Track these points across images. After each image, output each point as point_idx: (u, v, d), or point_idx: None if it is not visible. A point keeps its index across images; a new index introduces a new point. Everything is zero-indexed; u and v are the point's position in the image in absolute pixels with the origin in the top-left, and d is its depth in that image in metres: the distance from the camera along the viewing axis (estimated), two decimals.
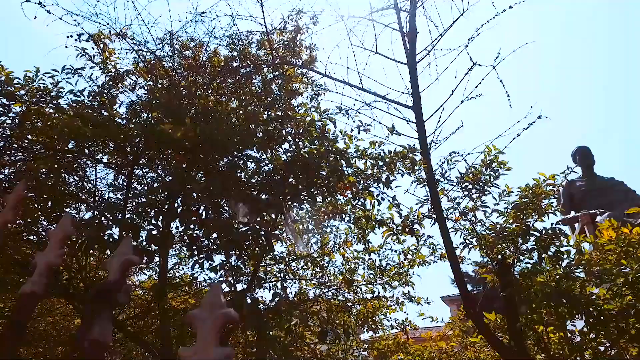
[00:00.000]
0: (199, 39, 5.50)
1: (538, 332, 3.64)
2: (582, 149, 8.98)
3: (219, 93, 5.82)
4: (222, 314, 1.18)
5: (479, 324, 3.72)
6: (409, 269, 4.78)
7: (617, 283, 3.24)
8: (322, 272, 4.81)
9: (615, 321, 3.18)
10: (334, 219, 4.18)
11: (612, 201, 7.52)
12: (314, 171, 3.15)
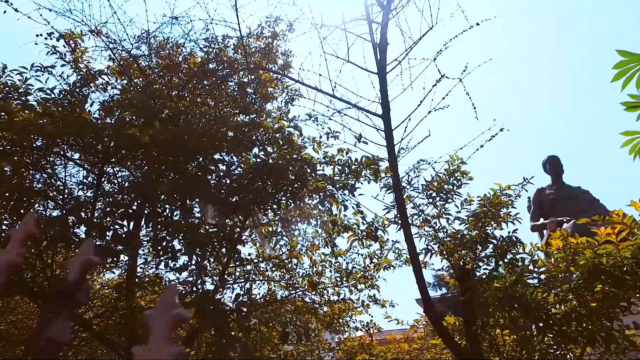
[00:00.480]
0: (175, 40, 5.52)
1: (491, 334, 3.81)
2: (552, 158, 9.35)
3: (195, 94, 5.85)
4: (175, 314, 1.26)
5: (437, 326, 3.87)
6: (374, 272, 4.93)
7: (563, 289, 3.44)
8: (290, 274, 4.90)
9: (559, 324, 3.37)
10: (301, 222, 4.28)
11: (579, 209, 7.85)
12: (280, 177, 3.23)
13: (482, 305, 3.83)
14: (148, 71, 5.80)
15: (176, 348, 1.20)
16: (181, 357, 1.19)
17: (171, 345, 1.22)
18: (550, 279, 3.49)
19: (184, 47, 5.57)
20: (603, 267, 3.16)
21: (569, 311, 3.40)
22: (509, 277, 3.82)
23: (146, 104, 3.94)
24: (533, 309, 3.48)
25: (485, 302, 3.73)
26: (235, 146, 3.74)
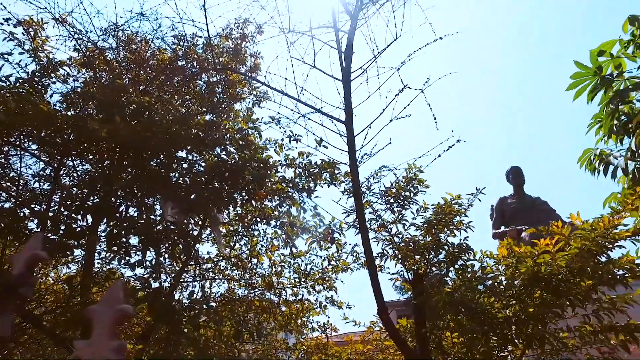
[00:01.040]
0: (144, 35, 5.47)
1: (440, 336, 3.99)
2: (514, 168, 9.78)
3: (162, 90, 5.80)
4: (119, 309, 1.30)
5: (389, 328, 4.00)
6: (332, 274, 5.04)
7: (506, 295, 3.66)
8: (250, 274, 4.94)
9: (501, 328, 3.57)
10: (261, 223, 4.33)
11: (537, 219, 8.25)
12: (237, 177, 3.29)
13: (432, 308, 4.01)
14: (115, 64, 5.71)
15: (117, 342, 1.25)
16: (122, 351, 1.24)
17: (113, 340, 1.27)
18: (495, 285, 3.69)
19: (153, 42, 5.52)
20: (541, 275, 3.38)
21: (510, 315, 3.61)
22: (458, 282, 4.02)
23: (110, 99, 3.90)
24: (479, 313, 3.67)
25: (435, 306, 3.90)
26: (197, 145, 3.76)
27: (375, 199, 4.30)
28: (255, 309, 4.78)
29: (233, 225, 4.62)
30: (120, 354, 1.13)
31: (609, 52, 4.71)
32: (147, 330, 4.11)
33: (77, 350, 1.18)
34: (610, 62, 4.68)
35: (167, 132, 3.68)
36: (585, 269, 3.35)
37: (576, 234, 3.47)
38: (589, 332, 3.71)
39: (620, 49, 4.72)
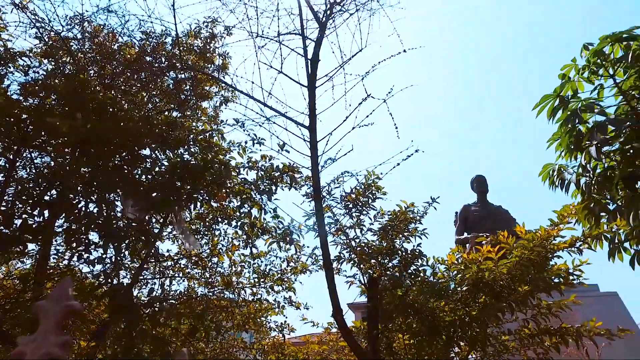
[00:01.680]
0: (112, 29, 5.40)
1: (390, 338, 4.17)
2: (478, 177, 10.19)
3: (129, 85, 5.74)
4: (66, 305, 1.34)
5: (342, 329, 4.14)
6: (292, 275, 5.14)
7: (453, 299, 3.87)
8: (210, 273, 4.98)
9: (447, 330, 3.78)
10: (222, 223, 4.38)
11: (498, 227, 8.65)
12: (198, 178, 3.34)
13: (385, 311, 4.18)
14: (79, 56, 5.61)
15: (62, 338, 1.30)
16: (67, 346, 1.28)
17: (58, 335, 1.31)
18: (443, 289, 3.90)
19: (120, 36, 5.46)
20: (485, 281, 3.61)
21: (456, 318, 3.83)
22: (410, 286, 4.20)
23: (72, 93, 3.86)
24: (427, 316, 3.87)
25: (388, 309, 4.08)
26: (160, 144, 3.78)
27: (335, 204, 4.44)
28: (213, 308, 4.82)
29: (194, 224, 4.64)
30: (65, 350, 1.17)
31: (567, 75, 5.05)
32: (103, 327, 4.09)
33: (21, 346, 1.19)
34: (569, 84, 5.03)
35: (131, 130, 3.69)
36: (524, 276, 3.60)
37: (518, 244, 3.72)
38: (527, 335, 3.99)
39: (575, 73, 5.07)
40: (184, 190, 3.59)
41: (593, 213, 5.26)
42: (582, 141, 5.10)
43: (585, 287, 8.03)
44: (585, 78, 5.10)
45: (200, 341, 4.72)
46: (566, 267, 3.76)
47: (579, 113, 5.03)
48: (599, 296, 7.78)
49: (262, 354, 5.37)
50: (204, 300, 4.78)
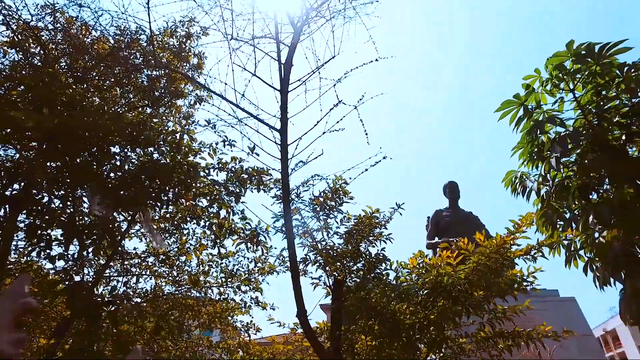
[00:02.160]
0: (85, 22, 5.33)
1: (352, 339, 4.27)
2: (451, 183, 10.45)
3: (102, 79, 5.68)
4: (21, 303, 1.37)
5: (306, 329, 4.22)
6: (259, 275, 5.19)
7: (414, 302, 4.00)
8: (177, 271, 4.98)
9: (407, 333, 3.91)
10: (190, 222, 4.40)
11: (468, 232, 8.90)
12: (165, 178, 3.36)
13: (348, 312, 4.29)
14: (50, 47, 5.51)
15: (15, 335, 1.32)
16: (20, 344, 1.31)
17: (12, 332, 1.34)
18: (404, 292, 4.03)
19: (94, 29, 5.39)
20: (443, 285, 3.76)
21: (416, 321, 3.96)
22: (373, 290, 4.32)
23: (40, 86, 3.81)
24: (388, 318, 3.99)
25: (350, 310, 4.18)
26: (130, 142, 3.78)
27: (304, 206, 4.52)
28: (179, 306, 4.82)
29: (163, 223, 4.64)
30: (18, 347, 1.19)
31: (532, 86, 5.29)
32: (63, 325, 4.05)
33: None
34: (533, 94, 5.26)
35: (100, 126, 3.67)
36: (481, 282, 3.76)
37: (477, 251, 3.89)
38: (483, 337, 4.16)
39: (539, 85, 5.31)
40: (152, 189, 3.60)
41: (551, 221, 5.54)
42: (543, 151, 5.35)
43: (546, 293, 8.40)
44: (548, 91, 5.37)
45: (165, 340, 4.71)
46: (521, 274, 3.95)
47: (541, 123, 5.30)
48: (558, 301, 8.10)
49: (227, 353, 5.40)
50: (169, 298, 4.78)
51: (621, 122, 4.65)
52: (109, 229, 3.32)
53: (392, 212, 4.45)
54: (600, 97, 4.93)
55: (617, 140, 4.70)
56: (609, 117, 4.81)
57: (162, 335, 4.06)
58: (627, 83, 4.46)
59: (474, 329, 4.30)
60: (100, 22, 4.97)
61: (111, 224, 3.39)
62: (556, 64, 4.96)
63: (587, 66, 4.79)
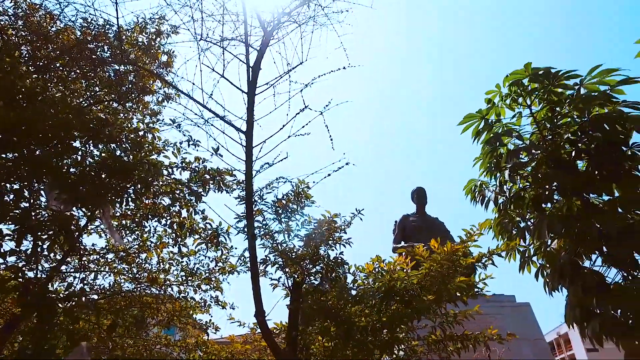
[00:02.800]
0: (49, 10, 5.21)
1: (309, 340, 4.37)
2: (419, 189, 10.69)
3: (66, 71, 5.56)
4: None
5: (263, 329, 4.29)
6: (219, 275, 5.21)
7: (368, 305, 4.14)
8: (137, 269, 4.94)
9: (361, 334, 4.04)
10: (151, 220, 4.39)
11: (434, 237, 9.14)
12: (126, 176, 3.36)
13: (305, 314, 4.39)
14: (10, 32, 5.35)
15: None
16: None
17: None
18: (358, 296, 4.16)
19: (59, 19, 5.27)
20: (396, 289, 3.91)
21: (369, 323, 4.10)
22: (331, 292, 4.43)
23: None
24: (343, 320, 4.11)
25: (308, 312, 4.28)
26: (92, 137, 3.75)
27: (266, 208, 4.59)
28: (137, 304, 4.79)
29: (124, 220, 4.60)
30: None
31: (493, 100, 5.53)
32: (12, 321, 3.97)
33: None
34: (494, 108, 5.51)
35: (61, 120, 3.63)
36: (432, 287, 3.93)
37: (432, 257, 4.06)
38: (434, 340, 4.34)
39: (499, 99, 5.56)
40: (112, 186, 3.59)
41: (506, 229, 5.81)
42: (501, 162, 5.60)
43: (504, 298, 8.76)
44: (508, 105, 5.63)
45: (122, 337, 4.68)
46: (472, 280, 4.15)
47: (500, 136, 5.55)
48: (514, 306, 8.46)
49: (185, 352, 5.39)
50: (127, 295, 4.74)
51: (571, 138, 4.94)
52: (66, 225, 3.29)
53: (352, 217, 4.58)
54: (554, 114, 5.22)
55: (569, 155, 4.99)
56: (562, 132, 5.10)
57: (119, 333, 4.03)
58: (577, 103, 4.75)
59: (426, 332, 4.47)
60: (65, 13, 4.86)
61: (68, 219, 3.36)
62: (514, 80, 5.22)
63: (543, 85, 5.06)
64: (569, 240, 4.88)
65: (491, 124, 5.74)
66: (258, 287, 4.42)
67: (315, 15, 5.05)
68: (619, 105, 4.49)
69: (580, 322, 4.58)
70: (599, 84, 4.65)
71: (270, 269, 4.56)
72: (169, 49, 5.38)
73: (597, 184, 4.54)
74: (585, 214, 4.53)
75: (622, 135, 4.46)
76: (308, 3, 4.75)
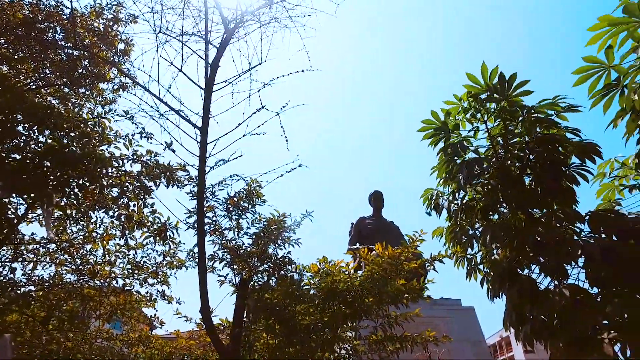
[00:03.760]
0: None
1: (252, 336, 4.42)
2: (376, 192, 10.90)
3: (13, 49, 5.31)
4: None
5: (207, 325, 4.30)
6: (167, 269, 5.16)
7: (312, 304, 4.24)
8: (81, 260, 4.81)
9: (303, 333, 4.14)
10: (98, 211, 4.29)
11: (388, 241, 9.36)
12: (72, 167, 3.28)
13: (251, 311, 4.43)
14: None
15: None
16: None
17: None
18: (303, 295, 4.25)
19: None
20: (338, 291, 4.02)
21: (312, 322, 4.19)
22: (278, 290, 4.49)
23: None
24: (287, 318, 4.19)
25: (253, 309, 4.32)
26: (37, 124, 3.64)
27: (218, 205, 4.59)
28: (78, 296, 4.66)
29: (69, 209, 4.46)
30: None
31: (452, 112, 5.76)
32: None
33: None
34: (453, 119, 5.73)
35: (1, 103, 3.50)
36: (374, 289, 4.08)
37: (374, 260, 4.21)
38: (375, 340, 4.50)
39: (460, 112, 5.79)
40: (57, 176, 3.49)
41: (456, 237, 6.07)
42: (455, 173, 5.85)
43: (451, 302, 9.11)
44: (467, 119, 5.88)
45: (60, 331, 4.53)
46: (414, 284, 4.33)
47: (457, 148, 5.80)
48: (460, 310, 8.84)
49: (127, 346, 5.29)
50: (67, 287, 4.60)
51: (519, 155, 5.24)
52: (1, 212, 3.18)
53: (302, 218, 4.66)
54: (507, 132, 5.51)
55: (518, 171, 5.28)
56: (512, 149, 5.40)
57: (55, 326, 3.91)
58: (526, 123, 5.05)
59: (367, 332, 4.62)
60: None
61: (3, 206, 3.25)
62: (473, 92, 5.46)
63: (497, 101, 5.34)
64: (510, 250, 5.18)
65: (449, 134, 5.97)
66: (205, 283, 4.43)
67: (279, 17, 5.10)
68: (561, 130, 4.81)
69: (515, 325, 4.88)
70: (547, 109, 4.95)
71: (218, 265, 4.58)
72: (126, 37, 5.25)
73: (538, 199, 4.84)
74: (526, 226, 4.83)
75: (562, 156, 4.78)
76: (271, 4, 4.79)
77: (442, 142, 5.91)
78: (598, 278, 3.63)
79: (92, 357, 4.72)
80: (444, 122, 5.83)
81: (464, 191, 5.59)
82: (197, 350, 4.98)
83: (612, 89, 3.83)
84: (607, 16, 3.49)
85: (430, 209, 6.47)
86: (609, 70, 3.81)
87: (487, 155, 5.62)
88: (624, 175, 4.99)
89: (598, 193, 5.14)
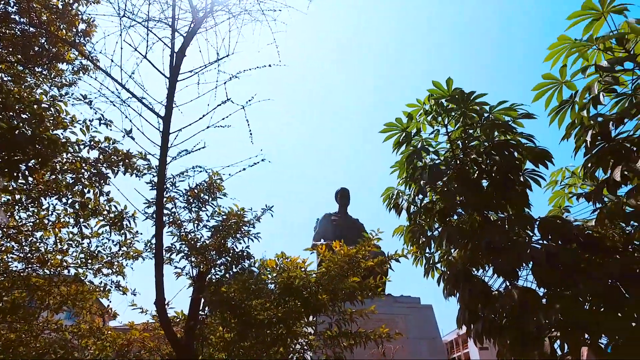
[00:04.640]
0: None
1: (207, 330, 4.40)
2: (342, 190, 11.00)
3: None
4: None
5: (161, 317, 4.24)
6: (123, 259, 5.03)
7: (268, 300, 4.26)
8: (30, 248, 4.62)
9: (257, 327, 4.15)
10: (50, 197, 4.14)
11: (352, 238, 9.49)
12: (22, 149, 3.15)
13: (208, 304, 4.40)
14: None
15: None
16: None
17: None
18: (259, 290, 4.26)
19: None
20: (294, 287, 4.06)
21: (266, 317, 4.21)
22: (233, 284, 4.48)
23: None
24: (243, 313, 4.19)
25: (209, 303, 4.30)
26: None
27: (178, 196, 4.52)
28: (24, 286, 4.47)
29: (18, 194, 4.28)
30: None
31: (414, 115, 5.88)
32: None
33: None
34: (415, 122, 5.85)
35: None
36: (329, 286, 4.13)
37: (330, 258, 4.26)
38: (329, 336, 4.56)
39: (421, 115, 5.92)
40: (4, 158, 3.34)
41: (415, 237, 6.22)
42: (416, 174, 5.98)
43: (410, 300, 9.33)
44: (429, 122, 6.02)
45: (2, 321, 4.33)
46: (370, 282, 4.42)
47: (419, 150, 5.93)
48: (418, 308, 9.07)
49: (77, 337, 5.13)
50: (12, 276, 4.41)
51: (477, 159, 5.41)
52: None
53: (262, 212, 4.66)
54: (467, 136, 5.69)
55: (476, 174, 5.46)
56: (471, 153, 5.58)
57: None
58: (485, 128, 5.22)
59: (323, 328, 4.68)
60: None
61: None
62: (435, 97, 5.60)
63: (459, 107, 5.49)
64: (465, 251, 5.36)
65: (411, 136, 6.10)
66: (161, 274, 4.36)
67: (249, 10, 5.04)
68: (517, 135, 5.01)
69: (467, 323, 5.07)
70: (504, 114, 5.13)
71: (175, 258, 4.51)
72: (88, 17, 5.05)
73: (494, 203, 5.03)
74: (481, 229, 5.01)
75: (518, 161, 4.98)
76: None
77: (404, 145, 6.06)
78: (544, 280, 3.82)
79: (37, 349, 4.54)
80: (407, 125, 5.97)
81: (424, 195, 5.75)
82: (151, 343, 4.89)
83: (565, 106, 4.05)
84: (563, 36, 3.71)
85: (389, 208, 6.62)
86: (562, 86, 4.02)
87: (446, 158, 5.80)
88: (573, 184, 5.25)
89: (550, 200, 5.40)
